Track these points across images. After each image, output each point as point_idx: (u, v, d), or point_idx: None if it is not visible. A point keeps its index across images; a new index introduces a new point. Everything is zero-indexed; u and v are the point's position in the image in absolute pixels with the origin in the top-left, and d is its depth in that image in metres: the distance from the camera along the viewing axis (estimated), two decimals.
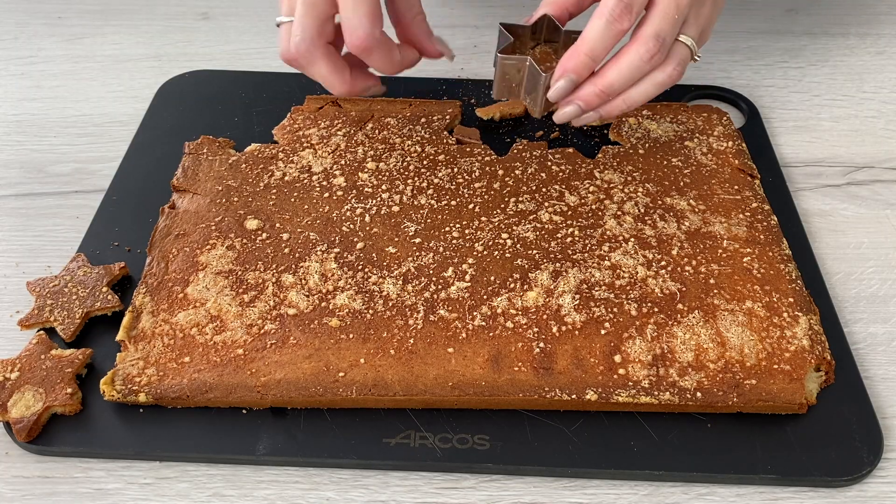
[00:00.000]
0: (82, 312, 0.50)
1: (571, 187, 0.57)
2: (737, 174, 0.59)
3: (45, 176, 0.63)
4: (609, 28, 0.48)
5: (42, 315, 0.50)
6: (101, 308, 0.51)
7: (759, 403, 0.46)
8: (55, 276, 0.52)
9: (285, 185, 0.57)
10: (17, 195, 0.61)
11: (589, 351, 0.47)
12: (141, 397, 0.46)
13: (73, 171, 0.63)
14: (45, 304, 0.51)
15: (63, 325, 0.50)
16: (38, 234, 0.58)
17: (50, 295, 0.51)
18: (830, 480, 0.44)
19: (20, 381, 0.46)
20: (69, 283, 0.52)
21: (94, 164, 0.63)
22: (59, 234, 0.57)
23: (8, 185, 0.62)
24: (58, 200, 0.60)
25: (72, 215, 0.59)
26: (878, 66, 0.75)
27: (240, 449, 0.45)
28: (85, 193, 0.61)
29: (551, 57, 0.53)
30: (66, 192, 0.61)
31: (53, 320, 0.50)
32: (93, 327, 0.50)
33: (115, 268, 0.53)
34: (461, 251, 0.53)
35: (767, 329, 0.48)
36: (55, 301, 0.51)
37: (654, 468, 0.44)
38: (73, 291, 0.51)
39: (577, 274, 0.51)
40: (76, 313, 0.50)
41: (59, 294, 0.51)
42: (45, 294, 0.51)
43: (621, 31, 0.48)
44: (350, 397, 0.46)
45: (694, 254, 0.53)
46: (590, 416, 0.46)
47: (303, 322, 0.48)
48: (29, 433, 0.45)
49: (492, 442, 0.45)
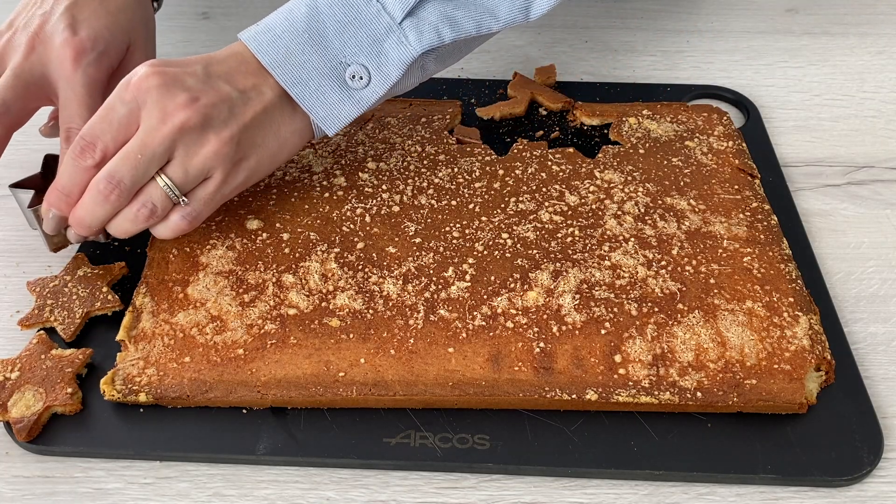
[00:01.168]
0: (82, 312, 0.50)
1: (572, 187, 0.57)
2: (737, 174, 0.59)
3: None
4: (74, 164, 0.47)
5: (42, 315, 0.50)
6: (101, 308, 0.51)
7: (760, 403, 0.46)
8: (55, 276, 0.52)
9: (285, 185, 0.57)
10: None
11: (589, 351, 0.47)
12: (141, 397, 0.46)
13: None
14: (46, 304, 0.51)
15: (63, 324, 0.50)
16: (38, 235, 0.58)
17: (50, 295, 0.51)
18: (830, 480, 0.44)
19: (20, 380, 0.46)
20: (69, 283, 0.52)
21: None
22: None
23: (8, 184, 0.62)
24: None
25: None
26: (878, 65, 0.75)
27: (240, 448, 0.45)
28: None
29: None
30: None
31: (53, 320, 0.50)
32: (93, 327, 0.51)
33: (116, 267, 0.53)
34: (461, 251, 0.53)
35: (768, 329, 0.48)
36: (55, 301, 0.51)
37: (655, 468, 0.44)
38: (74, 291, 0.51)
39: (578, 274, 0.51)
40: (76, 313, 0.50)
41: (59, 294, 0.51)
42: (45, 294, 0.51)
43: (87, 167, 0.47)
44: (350, 397, 0.46)
45: (694, 253, 0.53)
46: (590, 416, 0.46)
47: (303, 322, 0.48)
48: (29, 433, 0.45)
49: (492, 442, 0.45)
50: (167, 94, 0.47)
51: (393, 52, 0.50)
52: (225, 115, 0.48)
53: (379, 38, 0.50)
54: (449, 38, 0.51)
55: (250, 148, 0.50)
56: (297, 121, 0.52)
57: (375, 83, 0.51)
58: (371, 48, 0.50)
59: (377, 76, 0.51)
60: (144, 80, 0.47)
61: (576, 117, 0.65)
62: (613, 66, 0.74)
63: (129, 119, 0.47)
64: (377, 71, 0.50)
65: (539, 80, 0.69)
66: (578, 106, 0.65)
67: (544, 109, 0.66)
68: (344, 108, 0.51)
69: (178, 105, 0.47)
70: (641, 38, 0.78)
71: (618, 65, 0.75)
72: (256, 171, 0.51)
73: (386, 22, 0.50)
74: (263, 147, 0.50)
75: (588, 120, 0.65)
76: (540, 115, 0.66)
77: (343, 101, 0.51)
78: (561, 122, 0.65)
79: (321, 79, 0.50)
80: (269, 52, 0.49)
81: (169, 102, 0.47)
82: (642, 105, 0.65)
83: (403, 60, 0.50)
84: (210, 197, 0.50)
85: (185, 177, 0.48)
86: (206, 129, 0.48)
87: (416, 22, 0.50)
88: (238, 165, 0.50)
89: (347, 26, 0.50)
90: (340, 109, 0.51)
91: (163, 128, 0.46)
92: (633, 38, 0.78)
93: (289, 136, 0.51)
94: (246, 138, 0.49)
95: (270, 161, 0.51)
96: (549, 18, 0.80)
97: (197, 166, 0.48)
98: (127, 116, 0.47)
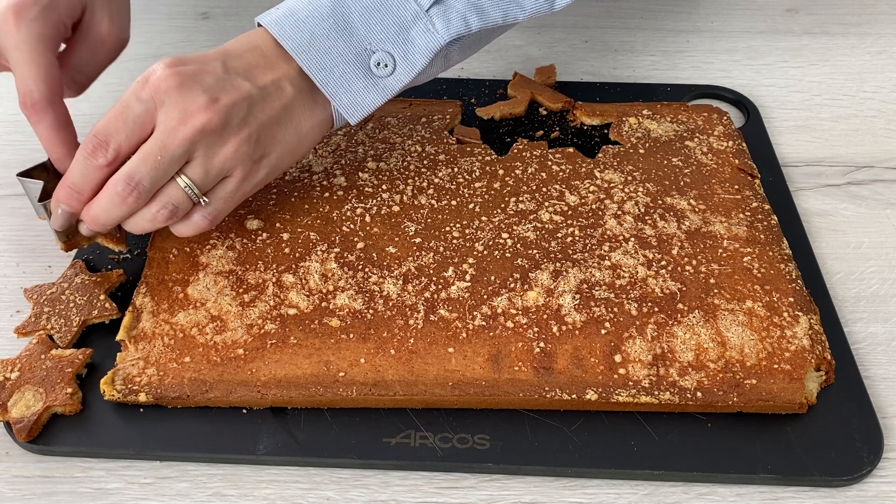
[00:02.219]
0: (79, 321, 0.50)
1: (572, 187, 0.57)
2: (737, 174, 0.59)
3: None
4: (86, 163, 0.46)
5: (39, 322, 0.50)
6: (99, 316, 0.50)
7: (760, 403, 0.46)
8: (53, 283, 0.52)
9: (285, 185, 0.57)
10: (17, 195, 0.61)
11: (589, 351, 0.47)
12: (141, 397, 0.46)
13: None
14: (43, 312, 0.50)
15: (60, 332, 0.49)
16: (39, 234, 0.58)
17: (47, 302, 0.51)
18: (831, 480, 0.44)
19: (20, 380, 0.46)
20: (67, 291, 0.51)
21: None
22: None
23: (8, 184, 0.62)
24: None
25: None
26: (878, 65, 0.75)
27: (240, 448, 0.45)
28: None
29: None
30: None
31: (51, 328, 0.49)
32: (92, 328, 0.50)
33: (114, 275, 0.53)
34: (461, 251, 0.53)
35: (768, 329, 0.48)
36: (52, 308, 0.50)
37: (655, 468, 0.44)
38: (71, 299, 0.51)
39: (578, 274, 0.51)
40: (73, 321, 0.50)
41: (57, 301, 0.51)
42: (42, 301, 0.51)
43: (99, 166, 0.46)
44: (350, 397, 0.46)
45: (694, 253, 0.53)
46: (590, 416, 0.46)
47: (303, 322, 0.48)
48: (29, 433, 0.45)
49: (492, 442, 0.45)
50: (187, 94, 0.46)
51: (420, 39, 0.50)
52: (244, 114, 0.47)
53: (406, 26, 0.49)
54: (476, 26, 0.50)
55: (270, 145, 0.49)
56: (316, 114, 0.51)
57: (401, 71, 0.50)
58: (397, 35, 0.50)
59: (403, 64, 0.50)
60: (163, 80, 0.46)
61: (576, 117, 0.65)
62: (613, 66, 0.74)
63: (145, 118, 0.46)
64: (403, 59, 0.50)
65: (539, 80, 0.69)
66: (578, 106, 0.65)
67: (544, 109, 0.66)
68: (368, 96, 0.50)
69: (199, 107, 0.46)
70: (641, 38, 0.78)
71: (618, 65, 0.75)
72: (277, 167, 0.51)
73: (413, 9, 0.49)
74: (283, 143, 0.50)
75: (588, 120, 0.65)
76: (540, 114, 0.66)
77: (368, 89, 0.50)
78: (561, 121, 0.65)
79: (346, 66, 0.49)
80: (293, 37, 0.48)
81: (189, 104, 0.46)
82: (642, 105, 0.65)
83: (430, 48, 0.50)
84: (230, 195, 0.49)
85: (205, 177, 0.47)
86: (226, 130, 0.47)
87: (443, 9, 0.50)
88: (258, 163, 0.49)
89: (373, 12, 0.49)
90: (365, 97, 0.50)
91: (183, 129, 0.45)
92: (633, 38, 0.78)
93: (308, 131, 0.51)
94: (266, 136, 0.49)
95: (290, 156, 0.51)
96: (549, 18, 0.80)
97: (217, 166, 0.47)
98: (143, 115, 0.46)
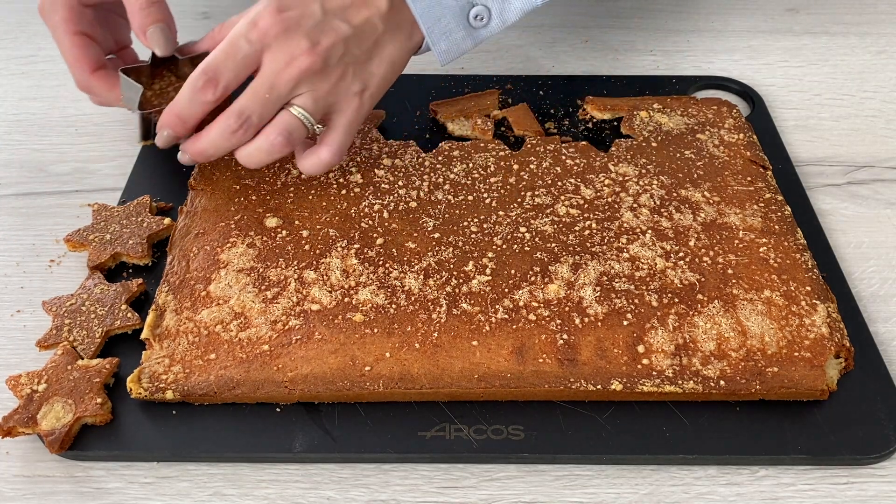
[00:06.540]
0: (102, 331, 0.49)
1: (587, 181, 0.58)
2: (749, 165, 0.59)
3: (45, 175, 0.62)
4: (194, 97, 0.51)
5: (61, 335, 0.49)
6: (122, 326, 0.49)
7: (782, 390, 0.46)
8: (71, 295, 0.51)
9: (302, 183, 0.57)
10: (17, 194, 0.61)
11: (612, 342, 0.48)
12: (168, 394, 0.45)
13: (74, 171, 0.62)
14: (63, 324, 0.49)
15: (83, 344, 0.48)
16: (39, 234, 0.57)
17: (67, 314, 0.50)
18: (860, 458, 0.45)
19: (48, 392, 0.45)
20: (87, 301, 0.50)
21: (95, 164, 0.63)
22: (59, 234, 0.57)
23: (8, 184, 0.61)
24: (58, 200, 0.60)
25: (72, 214, 0.58)
26: (878, 65, 0.76)
27: (276, 447, 0.44)
28: (85, 193, 0.61)
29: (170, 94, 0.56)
30: (67, 192, 0.61)
31: (73, 340, 0.48)
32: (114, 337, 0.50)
33: (133, 285, 0.51)
34: (480, 245, 0.53)
35: (786, 317, 0.49)
36: (73, 320, 0.49)
37: (689, 452, 0.45)
38: (92, 310, 0.50)
39: (597, 266, 0.51)
40: (96, 332, 0.49)
41: (77, 313, 0.50)
42: (62, 313, 0.50)
43: (207, 102, 0.51)
44: (377, 391, 0.46)
45: (711, 244, 0.53)
46: (620, 404, 0.47)
47: (327, 317, 0.48)
48: (61, 445, 0.44)
49: (526, 432, 0.45)
50: (291, 39, 0.50)
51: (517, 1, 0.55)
52: (342, 53, 0.52)
53: None
54: None
55: (368, 78, 0.54)
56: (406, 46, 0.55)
57: (493, 25, 0.56)
58: None
59: (497, 19, 0.55)
60: (271, 27, 0.50)
61: (586, 111, 0.66)
62: (614, 66, 0.75)
63: (253, 59, 0.50)
64: (498, 15, 0.55)
65: None
66: (589, 100, 0.66)
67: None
68: (463, 44, 0.56)
69: (302, 50, 0.50)
70: (642, 38, 0.78)
71: (618, 64, 0.75)
72: (376, 95, 0.55)
73: None
74: (377, 74, 0.54)
75: (599, 114, 0.65)
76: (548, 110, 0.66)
77: (465, 38, 0.55)
78: (571, 116, 0.65)
79: (452, 17, 0.54)
80: None
81: (294, 48, 0.50)
82: (652, 99, 0.66)
83: (524, 9, 0.55)
84: (345, 126, 0.53)
85: (314, 106, 0.52)
86: (327, 69, 0.51)
87: None
88: (360, 94, 0.53)
89: None
90: (460, 45, 0.56)
91: (288, 70, 0.50)
92: (634, 38, 0.78)
93: (398, 60, 0.55)
94: (362, 70, 0.53)
95: (385, 83, 0.55)
96: (550, 18, 0.80)
97: (322, 98, 0.52)
98: (251, 56, 0.50)
